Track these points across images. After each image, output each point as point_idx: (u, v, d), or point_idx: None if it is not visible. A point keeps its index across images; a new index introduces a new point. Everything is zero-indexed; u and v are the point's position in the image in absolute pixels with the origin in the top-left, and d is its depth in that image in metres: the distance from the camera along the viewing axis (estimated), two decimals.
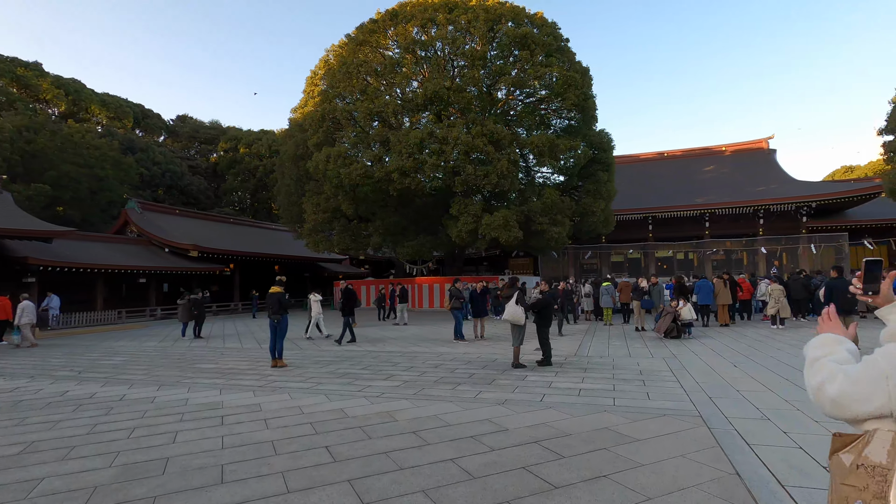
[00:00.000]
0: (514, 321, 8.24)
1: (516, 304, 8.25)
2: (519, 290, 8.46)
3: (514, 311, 8.21)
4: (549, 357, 8.56)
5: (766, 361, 8.30)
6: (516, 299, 8.28)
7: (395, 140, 20.24)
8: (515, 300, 8.27)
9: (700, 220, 33.11)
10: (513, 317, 8.21)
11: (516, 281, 8.70)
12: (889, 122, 23.96)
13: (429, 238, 23.44)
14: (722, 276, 14.53)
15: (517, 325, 8.31)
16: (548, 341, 8.58)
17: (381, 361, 9.52)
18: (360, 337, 14.00)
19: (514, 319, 8.22)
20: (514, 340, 8.41)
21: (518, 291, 8.38)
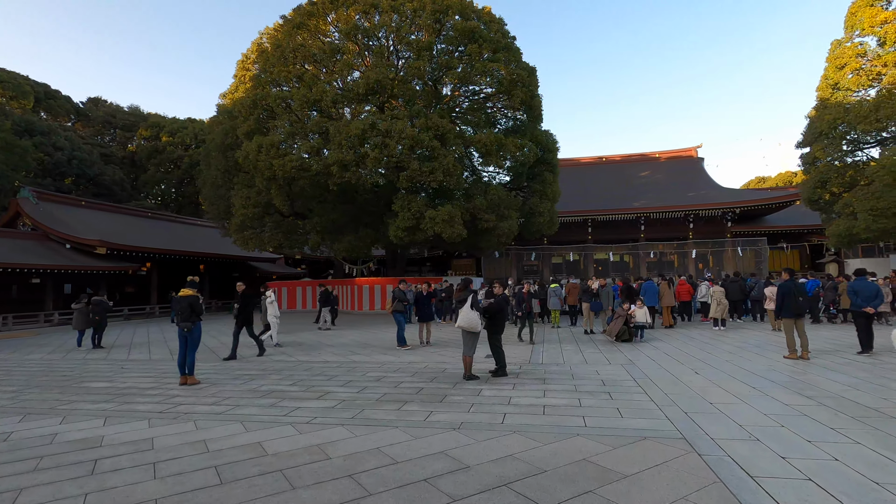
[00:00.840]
0: (469, 328, 7.38)
1: (471, 309, 7.39)
2: (473, 292, 7.60)
3: (469, 318, 7.34)
4: (504, 366, 7.78)
5: (724, 367, 8.00)
6: (471, 303, 7.42)
7: (334, 131, 18.83)
8: (470, 304, 7.41)
9: (636, 223, 34.22)
10: (468, 323, 7.34)
11: (469, 283, 7.86)
12: (805, 136, 25.66)
13: (369, 233, 22.17)
14: (666, 277, 14.57)
15: (471, 333, 7.45)
16: (501, 349, 7.79)
17: (314, 374, 8.31)
18: (294, 344, 12.59)
19: (470, 326, 7.36)
20: (465, 349, 7.54)
21: (472, 294, 7.52)
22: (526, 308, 11.34)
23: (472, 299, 7.47)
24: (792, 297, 8.55)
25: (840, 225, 22.14)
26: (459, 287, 7.73)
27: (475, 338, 7.50)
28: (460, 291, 7.67)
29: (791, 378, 7.01)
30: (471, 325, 7.36)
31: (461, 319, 7.41)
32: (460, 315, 7.45)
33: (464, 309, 7.43)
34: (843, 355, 8.88)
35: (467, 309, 7.40)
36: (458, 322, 7.45)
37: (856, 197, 21.29)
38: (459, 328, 7.51)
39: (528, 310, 11.44)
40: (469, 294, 7.54)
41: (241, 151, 20.38)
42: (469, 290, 7.67)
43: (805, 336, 8.56)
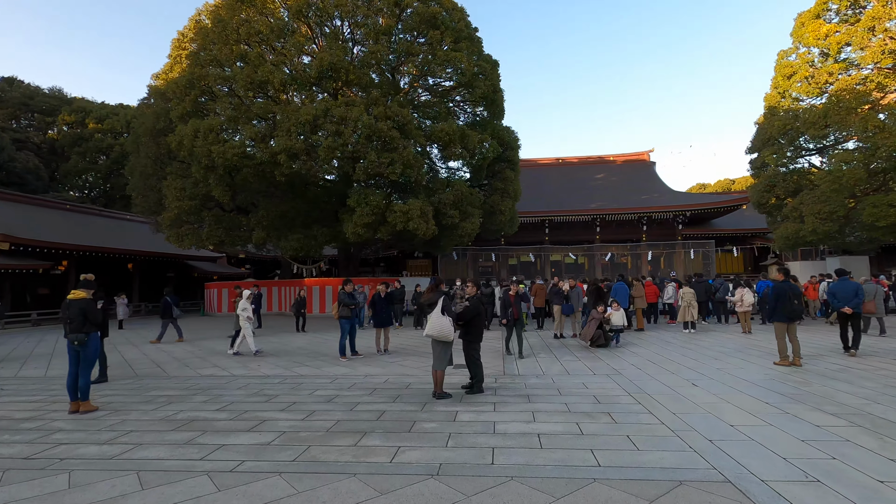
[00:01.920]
0: (441, 337, 6.19)
1: (443, 315, 6.21)
2: (445, 294, 6.42)
3: (440, 325, 6.15)
4: (481, 381, 6.66)
5: (719, 376, 7.26)
6: (442, 307, 6.24)
7: (283, 117, 17.10)
8: (441, 309, 6.23)
9: (592, 225, 34.33)
10: (439, 332, 6.15)
11: (440, 283, 6.68)
12: (754, 141, 26.39)
13: (322, 231, 20.48)
14: (638, 278, 14.04)
15: (443, 343, 6.27)
16: (479, 361, 6.66)
17: (250, 394, 6.83)
18: (227, 354, 10.89)
19: (441, 335, 6.17)
20: (436, 362, 6.35)
21: (444, 297, 6.34)
22: (513, 314, 9.40)
23: (444, 303, 6.30)
24: (787, 300, 7.97)
25: (788, 228, 22.74)
26: (429, 288, 6.54)
27: (447, 349, 6.33)
28: (429, 292, 6.47)
29: (797, 389, 6.32)
30: (442, 334, 6.18)
31: (431, 327, 6.22)
32: (430, 321, 6.25)
33: (433, 314, 6.24)
34: (831, 359, 8.43)
35: (438, 314, 6.22)
36: (428, 330, 6.25)
37: (803, 201, 21.92)
38: (429, 337, 6.31)
39: (516, 316, 9.43)
40: (440, 296, 6.36)
41: (174, 136, 18.18)
42: (439, 291, 6.49)
43: (797, 341, 8.01)
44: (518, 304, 9.49)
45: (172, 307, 14.28)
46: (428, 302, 6.34)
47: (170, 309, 14.20)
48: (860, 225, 21.75)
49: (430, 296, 6.40)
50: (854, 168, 19.19)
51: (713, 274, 29.34)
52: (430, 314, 6.26)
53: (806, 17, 23.26)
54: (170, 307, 14.24)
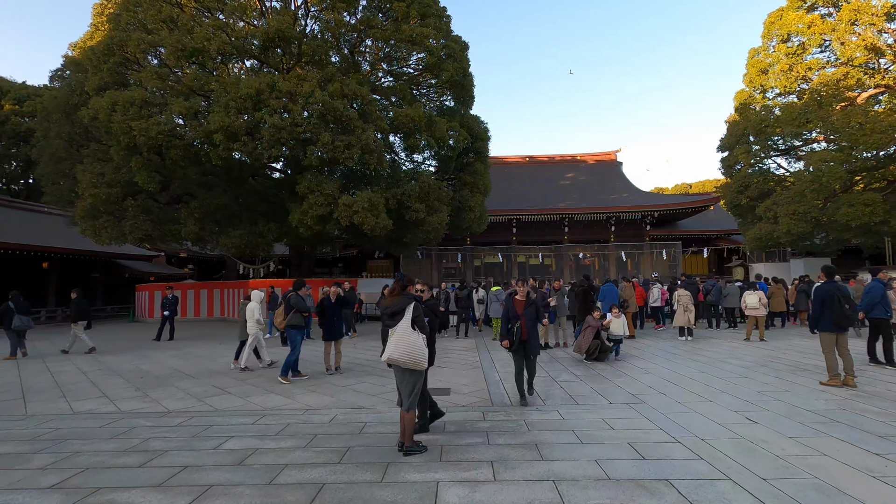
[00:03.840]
0: (410, 363, 4.20)
1: (413, 329, 4.22)
2: (416, 300, 4.43)
3: (409, 344, 4.15)
4: (426, 422, 4.89)
5: (772, 405, 5.61)
6: (412, 318, 4.26)
7: (219, 90, 14.58)
8: (411, 320, 4.24)
9: (560, 225, 33.19)
10: (408, 355, 4.16)
11: (410, 284, 4.66)
12: (725, 140, 25.81)
13: (269, 227, 17.98)
14: (629, 279, 12.53)
15: (412, 372, 4.28)
16: (426, 394, 4.78)
17: (122, 451, 4.58)
18: (134, 374, 8.43)
19: (411, 360, 4.18)
20: (404, 398, 4.34)
21: (414, 303, 4.35)
22: (520, 331, 5.90)
23: (415, 311, 4.31)
24: (835, 305, 6.46)
25: (762, 229, 22.09)
26: (391, 289, 4.47)
27: (419, 379, 4.34)
28: (393, 296, 4.42)
29: (890, 427, 4.73)
30: (412, 359, 4.19)
31: (394, 347, 4.20)
32: (393, 339, 4.24)
33: (399, 328, 4.24)
34: (877, 376, 7.02)
35: (406, 329, 4.22)
36: (389, 352, 4.22)
37: (777, 201, 21.32)
38: (391, 363, 4.29)
39: (525, 336, 5.93)
40: (408, 302, 4.36)
41: (87, 110, 15.28)
42: (408, 295, 4.47)
43: (849, 355, 6.52)
44: (533, 314, 5.98)
45: (15, 315, 10.91)
46: (391, 310, 4.32)
47: (9, 316, 10.91)
48: (830, 225, 21.33)
49: (395, 301, 4.38)
50: (834, 167, 18.58)
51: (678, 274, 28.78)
52: (393, 328, 4.26)
53: (778, 14, 22.78)
54: (10, 314, 10.91)
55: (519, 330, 5.89)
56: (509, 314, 6.00)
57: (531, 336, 5.96)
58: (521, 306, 5.99)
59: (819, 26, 20.42)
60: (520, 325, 5.88)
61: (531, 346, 5.99)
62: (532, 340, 5.97)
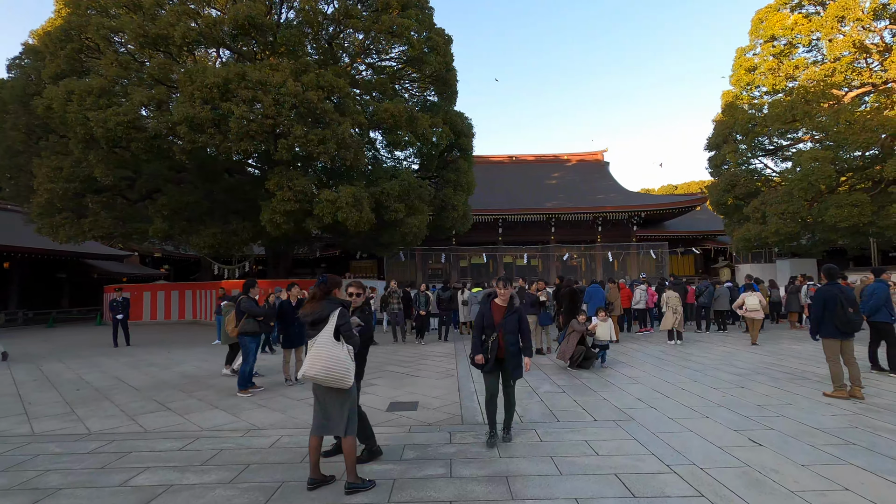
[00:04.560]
0: (331, 380, 3.46)
1: (337, 340, 3.51)
2: (342, 306, 3.66)
3: (330, 357, 3.42)
4: (372, 443, 4.22)
5: (775, 422, 4.98)
6: (336, 326, 3.54)
7: (184, 79, 13.67)
8: (335, 330, 3.53)
9: (546, 225, 32.72)
10: (327, 371, 3.42)
11: (335, 287, 3.84)
12: (712, 139, 25.54)
13: (244, 225, 17.09)
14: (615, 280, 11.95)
15: (338, 391, 3.56)
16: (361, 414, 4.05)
17: (4, 491, 3.79)
18: (55, 383, 7.54)
19: (331, 376, 3.44)
20: (335, 422, 3.56)
21: (340, 310, 3.60)
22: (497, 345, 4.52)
23: (340, 319, 3.58)
24: (838, 308, 5.88)
25: (750, 229, 21.79)
26: (313, 294, 3.73)
27: (348, 398, 3.61)
28: (314, 302, 3.65)
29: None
30: (334, 375, 3.45)
31: (313, 362, 3.45)
32: (312, 351, 3.51)
33: (321, 339, 3.51)
34: (884, 386, 6.46)
35: (328, 339, 3.49)
36: (306, 368, 3.48)
37: (765, 201, 21.02)
38: (309, 379, 3.54)
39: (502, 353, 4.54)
40: (332, 309, 3.62)
41: (41, 99, 14.28)
42: (334, 301, 3.70)
43: (855, 364, 5.95)
44: (515, 324, 4.51)
45: None
46: (311, 318, 3.60)
47: None
48: (818, 226, 21.09)
49: (316, 307, 3.65)
50: (823, 166, 18.27)
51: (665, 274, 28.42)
52: (313, 338, 3.55)
53: (765, 12, 22.51)
54: None
55: (495, 344, 4.46)
56: (484, 322, 4.58)
57: (511, 353, 4.45)
58: (499, 313, 4.54)
59: (805, 26, 20.15)
60: (496, 337, 4.46)
61: (510, 366, 4.46)
62: (512, 359, 4.46)
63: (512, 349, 4.49)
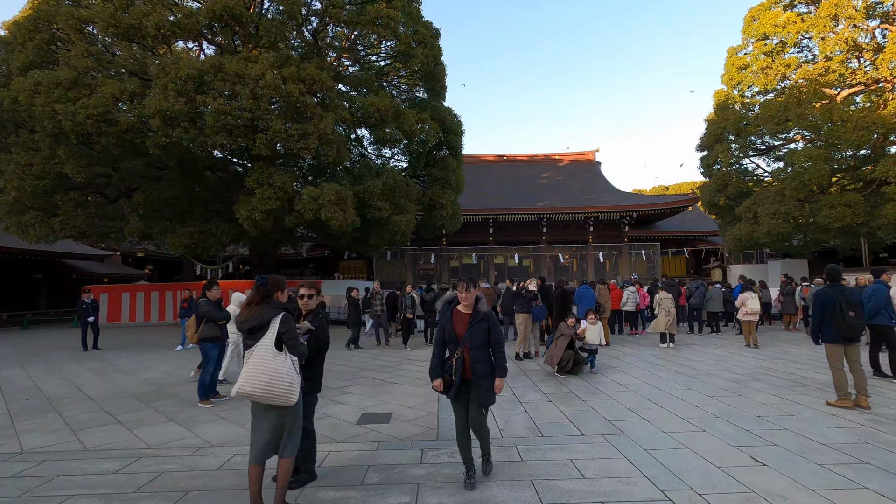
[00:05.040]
0: (270, 396, 2.99)
1: (277, 350, 3.04)
2: (285, 311, 3.16)
3: (269, 370, 2.96)
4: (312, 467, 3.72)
5: (777, 436, 4.56)
6: (278, 335, 3.07)
7: (158, 70, 13.10)
8: (276, 337, 3.06)
9: (538, 225, 32.36)
10: (265, 386, 2.93)
11: (277, 290, 3.28)
12: (704, 139, 25.30)
13: (223, 226, 16.50)
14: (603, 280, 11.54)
15: (281, 409, 3.09)
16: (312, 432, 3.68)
17: None
18: (6, 392, 6.97)
19: (270, 394, 2.97)
20: (259, 447, 3.13)
21: (282, 315, 3.10)
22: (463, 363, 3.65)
23: (283, 326, 3.10)
24: (837, 313, 5.48)
25: (741, 229, 21.54)
26: (251, 298, 3.25)
27: (294, 417, 3.13)
28: (252, 306, 3.15)
29: None
30: (274, 391, 2.97)
31: (249, 375, 3.00)
32: (250, 363, 3.05)
33: (260, 349, 3.04)
34: (888, 392, 6.08)
35: (268, 350, 3.03)
36: (241, 383, 3.01)
37: (757, 201, 20.79)
38: (244, 396, 3.04)
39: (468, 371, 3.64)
40: (274, 315, 3.14)
41: (6, 91, 13.63)
42: (276, 305, 3.19)
43: (861, 371, 5.56)
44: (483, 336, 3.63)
45: None
46: (249, 325, 3.13)
47: None
48: (810, 227, 20.89)
49: (255, 312, 3.16)
50: (817, 165, 18.02)
51: (658, 276, 28.15)
52: (252, 348, 3.07)
53: (757, 11, 22.30)
54: None
55: (460, 362, 3.58)
56: (445, 336, 3.67)
57: (479, 374, 3.52)
58: (463, 323, 3.63)
59: (797, 25, 19.93)
60: (461, 353, 3.58)
61: (480, 391, 3.55)
62: (481, 382, 3.53)
63: (481, 368, 3.54)
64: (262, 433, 3.12)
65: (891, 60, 18.05)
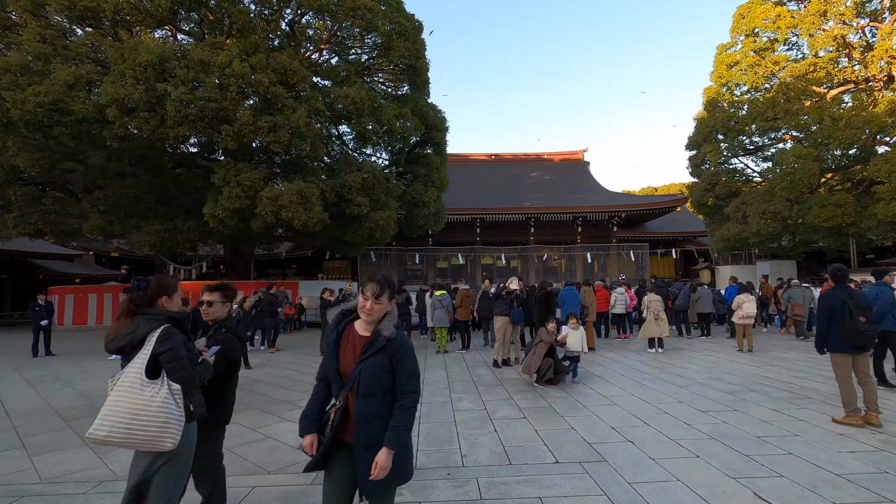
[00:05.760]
0: (134, 444, 2.27)
1: (151, 378, 2.32)
2: (171, 321, 2.44)
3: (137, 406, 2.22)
4: None
5: (784, 463, 3.92)
6: (150, 357, 2.34)
7: (115, 55, 12.23)
8: (147, 361, 2.32)
9: (525, 225, 31.81)
10: (127, 430, 2.19)
11: (161, 294, 2.49)
12: (693, 138, 24.92)
13: (191, 224, 15.63)
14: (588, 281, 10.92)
15: (157, 455, 2.36)
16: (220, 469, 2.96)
17: None
18: None
19: (133, 439, 2.23)
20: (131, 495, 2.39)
21: (163, 328, 2.36)
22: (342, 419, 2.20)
23: (167, 344, 2.38)
24: (846, 318, 4.87)
25: (730, 229, 21.15)
26: (123, 309, 2.59)
27: (170, 465, 2.37)
28: (125, 318, 2.47)
29: None
30: (137, 435, 2.22)
31: (107, 414, 2.23)
32: (112, 397, 2.28)
33: (127, 376, 2.30)
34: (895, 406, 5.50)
35: (136, 378, 2.29)
36: (95, 426, 2.21)
37: (746, 200, 20.41)
38: (98, 443, 2.26)
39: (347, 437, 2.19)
40: (151, 329, 2.40)
41: None
42: (158, 315, 2.43)
43: (871, 384, 4.96)
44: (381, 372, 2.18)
45: None
46: (117, 343, 2.41)
47: None
48: (799, 227, 20.55)
49: (125, 327, 2.44)
50: (807, 163, 17.62)
51: (646, 276, 27.70)
52: (122, 372, 2.34)
53: (747, 7, 21.92)
54: None
55: (340, 415, 2.19)
56: (327, 370, 2.27)
57: (364, 440, 2.11)
58: (354, 352, 2.23)
59: (787, 20, 19.55)
60: (344, 402, 2.20)
61: (361, 470, 2.07)
62: (366, 454, 2.07)
63: (369, 431, 2.10)
64: (133, 475, 2.40)
65: (881, 58, 17.73)
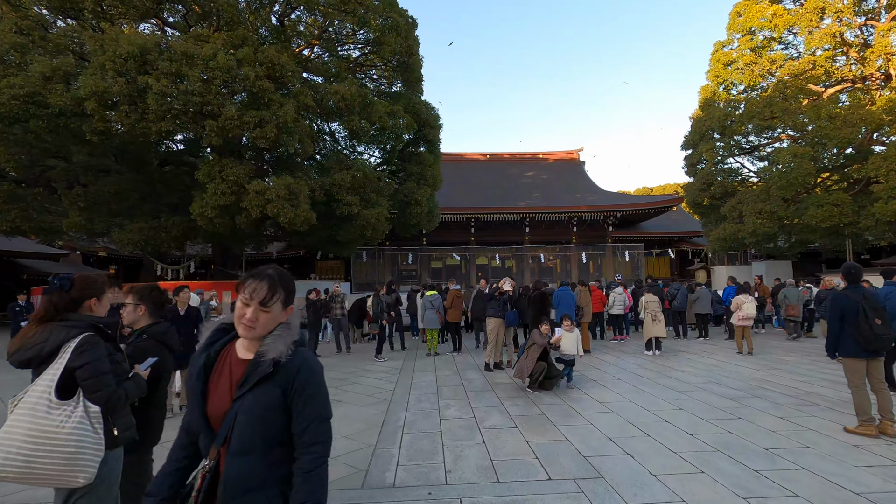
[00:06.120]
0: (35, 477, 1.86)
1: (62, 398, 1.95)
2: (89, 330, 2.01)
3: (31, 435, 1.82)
4: None
5: (792, 476, 3.59)
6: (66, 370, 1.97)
7: (94, 47, 11.79)
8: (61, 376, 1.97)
9: (520, 225, 31.51)
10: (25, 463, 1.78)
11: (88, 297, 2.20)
12: (689, 137, 24.74)
13: (176, 221, 15.18)
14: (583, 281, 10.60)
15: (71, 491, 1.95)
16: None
17: None
18: None
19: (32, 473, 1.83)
20: None
21: (83, 338, 1.99)
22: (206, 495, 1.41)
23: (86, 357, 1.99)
24: (860, 321, 4.55)
25: (726, 229, 20.95)
26: (38, 313, 2.20)
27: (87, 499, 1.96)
28: (38, 324, 2.10)
29: None
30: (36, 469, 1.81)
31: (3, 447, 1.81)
32: (9, 421, 1.88)
33: (33, 394, 1.92)
34: None
35: (41, 397, 1.90)
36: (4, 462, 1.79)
37: (742, 200, 20.20)
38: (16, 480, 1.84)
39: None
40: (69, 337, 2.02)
41: None
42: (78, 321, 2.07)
43: (886, 391, 4.65)
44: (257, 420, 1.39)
45: None
46: (24, 356, 2.02)
47: None
48: (796, 227, 20.36)
49: (36, 335, 2.05)
50: (804, 162, 17.41)
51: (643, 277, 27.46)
52: (22, 399, 1.95)
53: (743, 5, 21.71)
54: None
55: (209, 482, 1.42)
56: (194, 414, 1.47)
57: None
58: (227, 383, 1.47)
59: (784, 18, 19.34)
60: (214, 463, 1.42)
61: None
62: None
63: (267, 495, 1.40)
64: None
65: (878, 56, 17.55)
